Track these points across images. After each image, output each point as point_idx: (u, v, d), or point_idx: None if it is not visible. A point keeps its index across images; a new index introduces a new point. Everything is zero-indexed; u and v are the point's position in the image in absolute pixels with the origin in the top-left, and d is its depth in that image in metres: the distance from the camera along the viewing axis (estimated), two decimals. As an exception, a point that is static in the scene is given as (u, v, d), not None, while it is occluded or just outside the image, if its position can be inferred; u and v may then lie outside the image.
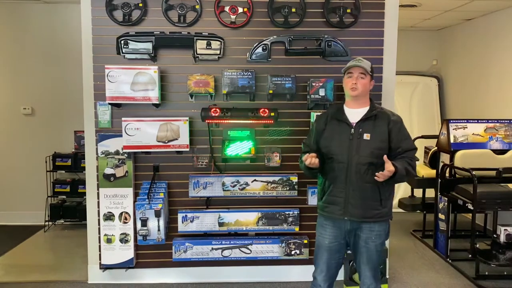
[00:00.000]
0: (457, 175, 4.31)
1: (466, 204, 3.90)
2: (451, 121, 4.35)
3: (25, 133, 5.26)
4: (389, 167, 2.33)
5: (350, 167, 2.46)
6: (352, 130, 2.50)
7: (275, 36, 3.45)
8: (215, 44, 3.38)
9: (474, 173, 3.82)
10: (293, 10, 3.43)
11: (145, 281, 3.63)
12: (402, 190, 5.80)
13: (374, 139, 2.47)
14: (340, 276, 3.43)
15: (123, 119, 3.33)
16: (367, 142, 2.46)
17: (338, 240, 2.56)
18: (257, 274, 3.65)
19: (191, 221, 3.44)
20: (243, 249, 3.48)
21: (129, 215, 3.47)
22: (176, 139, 3.36)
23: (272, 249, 3.50)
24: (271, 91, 3.38)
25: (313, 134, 2.65)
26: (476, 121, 4.35)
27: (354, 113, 2.55)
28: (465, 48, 5.76)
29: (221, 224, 3.45)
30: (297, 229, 3.47)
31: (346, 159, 2.46)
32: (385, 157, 2.37)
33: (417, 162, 4.69)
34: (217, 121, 3.41)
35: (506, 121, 4.33)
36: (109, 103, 3.37)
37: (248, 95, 3.45)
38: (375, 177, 2.35)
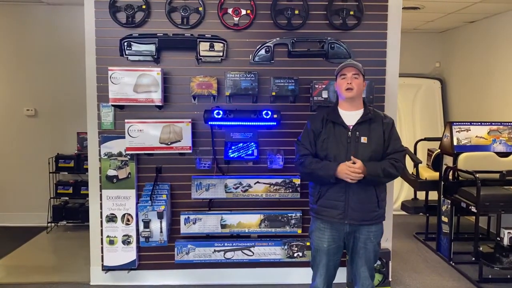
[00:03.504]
0: (460, 178, 4.29)
1: (470, 207, 3.88)
2: (454, 123, 4.33)
3: (28, 134, 5.27)
4: (357, 164, 2.36)
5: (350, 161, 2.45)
6: (349, 133, 2.49)
7: (278, 38, 3.45)
8: (218, 46, 3.38)
9: (477, 175, 3.81)
10: (296, 12, 3.43)
11: (147, 282, 3.63)
12: (404, 192, 5.79)
13: (371, 142, 2.48)
14: (342, 278, 3.43)
15: (126, 120, 3.33)
16: (364, 145, 2.47)
17: (337, 242, 2.56)
18: (260, 276, 3.64)
19: (194, 223, 3.44)
20: (245, 251, 3.48)
21: (132, 217, 3.47)
22: (179, 140, 3.36)
23: (275, 251, 3.49)
24: (274, 93, 3.38)
25: (309, 135, 2.59)
26: (479, 123, 4.34)
27: (349, 115, 2.54)
28: (468, 50, 5.75)
29: (223, 226, 3.45)
30: (299, 231, 3.47)
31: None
32: (352, 156, 2.40)
33: (420, 165, 4.74)
34: (219, 123, 3.41)
35: (509, 124, 4.31)
36: (112, 105, 3.37)
37: (251, 97, 3.45)
38: (348, 179, 2.38)
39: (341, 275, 3.34)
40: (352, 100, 2.53)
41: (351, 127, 2.51)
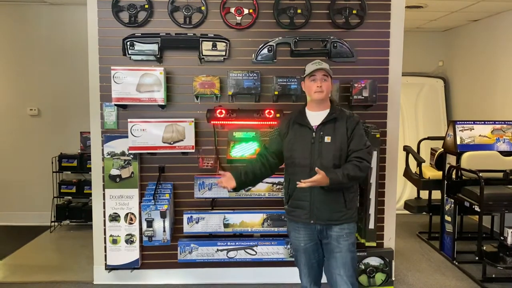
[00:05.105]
0: (463, 177, 4.28)
1: (473, 206, 3.87)
2: (458, 122, 4.33)
3: (32, 134, 5.28)
4: (315, 177, 2.31)
5: (313, 170, 2.41)
6: (314, 133, 2.49)
7: (280, 37, 3.45)
8: (220, 45, 3.38)
9: (480, 174, 3.80)
10: (299, 11, 3.43)
11: (151, 282, 3.63)
12: (408, 191, 5.78)
13: (335, 141, 2.46)
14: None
15: (129, 120, 3.34)
16: (328, 145, 2.45)
17: (313, 240, 2.55)
18: (262, 275, 3.65)
19: (197, 222, 3.44)
20: (248, 250, 3.48)
21: (135, 216, 3.48)
22: (182, 140, 3.37)
23: (277, 251, 3.49)
24: (276, 92, 3.38)
25: (274, 135, 2.68)
26: (482, 122, 4.33)
27: (316, 116, 2.53)
28: (471, 49, 5.73)
29: (226, 225, 3.45)
30: (302, 230, 3.46)
31: (308, 163, 2.45)
32: (316, 168, 2.33)
33: (423, 164, 4.73)
34: (222, 122, 3.41)
35: (513, 123, 4.31)
36: (115, 104, 3.38)
37: (254, 96, 3.45)
38: (297, 184, 2.36)
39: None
40: (322, 101, 2.53)
41: (315, 127, 2.50)
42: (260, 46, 3.45)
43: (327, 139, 2.46)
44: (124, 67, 3.30)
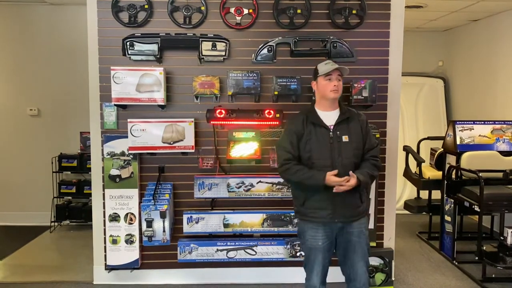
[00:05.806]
0: (463, 177, 4.28)
1: (473, 206, 3.87)
2: (458, 122, 4.33)
3: (31, 134, 5.29)
4: (351, 181, 2.42)
5: (335, 170, 2.46)
6: (331, 133, 2.52)
7: (280, 37, 3.45)
8: (220, 45, 3.38)
9: (480, 174, 3.80)
10: (299, 11, 3.42)
11: (150, 282, 3.63)
12: (407, 191, 5.78)
13: (352, 140, 2.53)
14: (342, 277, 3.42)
15: (128, 120, 3.34)
16: (347, 144, 2.51)
17: (330, 239, 2.59)
18: (262, 275, 3.65)
19: (196, 222, 3.44)
20: (248, 250, 3.48)
21: (135, 216, 3.48)
22: (181, 140, 3.37)
23: (277, 251, 3.49)
24: (276, 92, 3.38)
25: (291, 138, 2.55)
26: (482, 122, 4.33)
27: (328, 115, 2.57)
28: (471, 49, 5.73)
29: (226, 226, 3.45)
30: (302, 230, 3.46)
31: (330, 163, 2.48)
32: (350, 172, 2.44)
33: (423, 164, 4.74)
34: (222, 122, 3.41)
35: (513, 123, 4.31)
36: (115, 104, 3.38)
37: (253, 96, 3.46)
38: (334, 190, 2.42)
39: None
40: (334, 100, 2.57)
41: (331, 127, 2.53)
42: (260, 46, 3.45)
43: (345, 138, 2.52)
44: (124, 67, 3.30)
